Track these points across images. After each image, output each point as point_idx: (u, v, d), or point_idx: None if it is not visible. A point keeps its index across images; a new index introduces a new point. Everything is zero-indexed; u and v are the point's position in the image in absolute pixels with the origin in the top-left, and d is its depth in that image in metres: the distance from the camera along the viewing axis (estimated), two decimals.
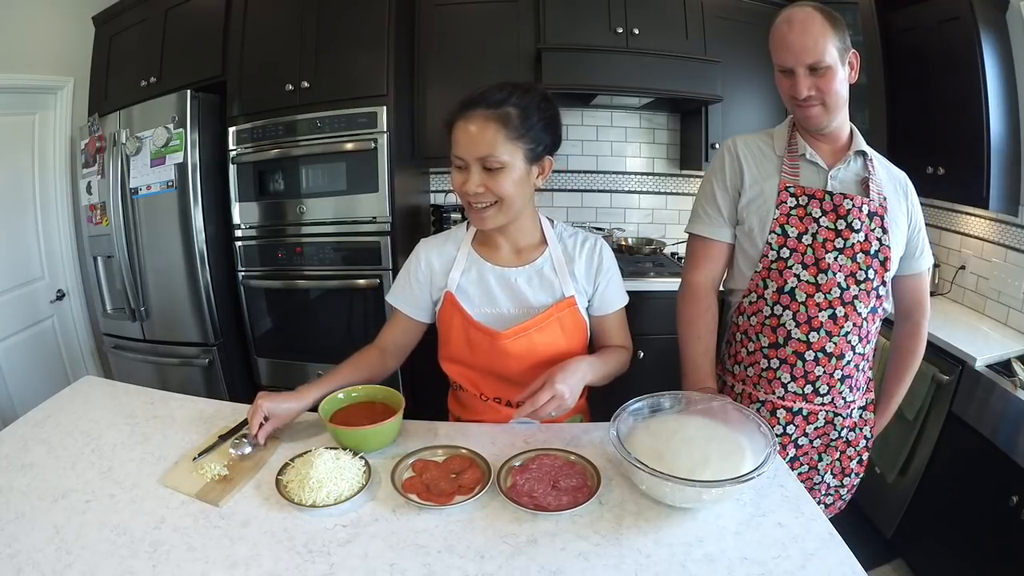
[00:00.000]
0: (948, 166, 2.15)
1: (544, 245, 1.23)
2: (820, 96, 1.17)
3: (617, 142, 3.15)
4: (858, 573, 0.79)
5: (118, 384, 1.39)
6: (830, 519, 0.92)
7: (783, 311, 1.24)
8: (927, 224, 2.65)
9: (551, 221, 1.27)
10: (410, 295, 1.26)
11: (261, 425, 1.06)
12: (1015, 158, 2.04)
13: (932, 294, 2.49)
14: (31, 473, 1.01)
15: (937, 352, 1.94)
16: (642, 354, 2.54)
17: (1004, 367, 1.77)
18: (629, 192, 3.21)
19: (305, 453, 1.01)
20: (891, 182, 1.28)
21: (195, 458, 1.04)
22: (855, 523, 2.05)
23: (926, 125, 2.27)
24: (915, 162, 2.26)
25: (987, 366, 1.79)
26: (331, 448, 1.02)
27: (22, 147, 2.67)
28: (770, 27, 1.21)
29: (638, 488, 0.95)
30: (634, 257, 2.94)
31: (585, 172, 3.17)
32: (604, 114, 3.10)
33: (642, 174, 3.19)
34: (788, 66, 1.17)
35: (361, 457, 1.02)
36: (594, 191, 3.19)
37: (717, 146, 1.67)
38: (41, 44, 2.64)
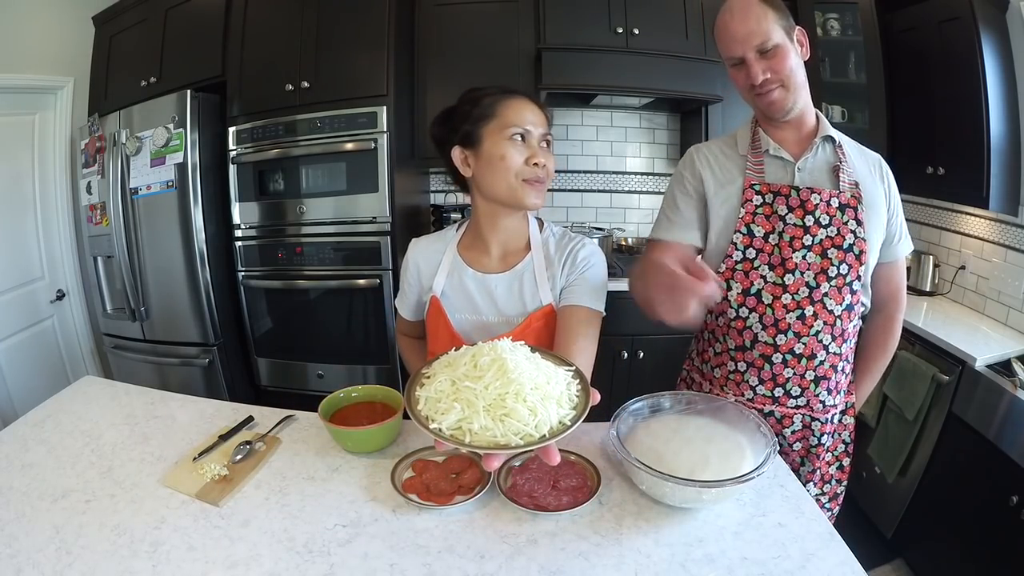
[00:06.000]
0: (948, 166, 2.15)
1: (528, 250, 1.20)
2: (777, 77, 1.13)
3: (617, 142, 3.15)
4: (858, 573, 0.79)
5: (118, 384, 1.38)
6: None
7: (749, 313, 1.19)
8: (927, 224, 2.68)
9: (540, 223, 1.24)
10: (406, 299, 1.29)
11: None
12: (1015, 158, 2.04)
13: (932, 294, 2.52)
14: (31, 473, 1.01)
15: (937, 352, 1.94)
16: (642, 354, 2.55)
17: (1004, 367, 1.77)
18: (629, 192, 3.21)
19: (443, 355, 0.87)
20: (866, 166, 1.22)
21: (195, 458, 1.04)
22: (855, 523, 2.05)
23: (926, 125, 2.27)
24: (915, 162, 2.26)
25: (987, 366, 1.79)
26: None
27: (22, 147, 2.67)
28: None
29: (638, 488, 0.95)
30: (634, 257, 2.94)
31: (585, 172, 3.17)
32: (604, 114, 3.10)
33: (642, 174, 3.19)
34: (737, 55, 1.14)
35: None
36: (594, 191, 3.19)
37: None
38: (41, 44, 2.64)
